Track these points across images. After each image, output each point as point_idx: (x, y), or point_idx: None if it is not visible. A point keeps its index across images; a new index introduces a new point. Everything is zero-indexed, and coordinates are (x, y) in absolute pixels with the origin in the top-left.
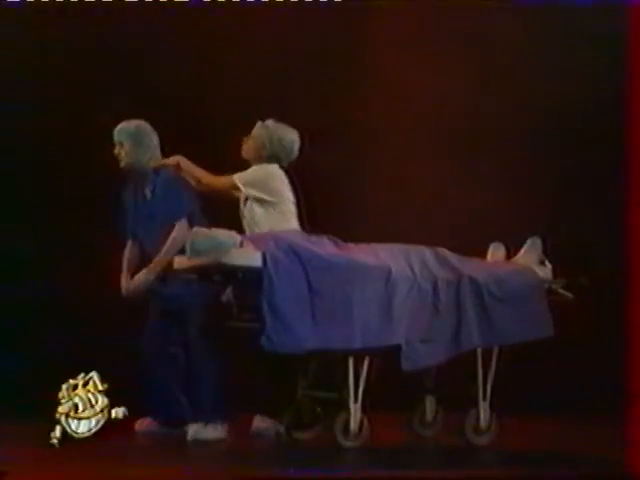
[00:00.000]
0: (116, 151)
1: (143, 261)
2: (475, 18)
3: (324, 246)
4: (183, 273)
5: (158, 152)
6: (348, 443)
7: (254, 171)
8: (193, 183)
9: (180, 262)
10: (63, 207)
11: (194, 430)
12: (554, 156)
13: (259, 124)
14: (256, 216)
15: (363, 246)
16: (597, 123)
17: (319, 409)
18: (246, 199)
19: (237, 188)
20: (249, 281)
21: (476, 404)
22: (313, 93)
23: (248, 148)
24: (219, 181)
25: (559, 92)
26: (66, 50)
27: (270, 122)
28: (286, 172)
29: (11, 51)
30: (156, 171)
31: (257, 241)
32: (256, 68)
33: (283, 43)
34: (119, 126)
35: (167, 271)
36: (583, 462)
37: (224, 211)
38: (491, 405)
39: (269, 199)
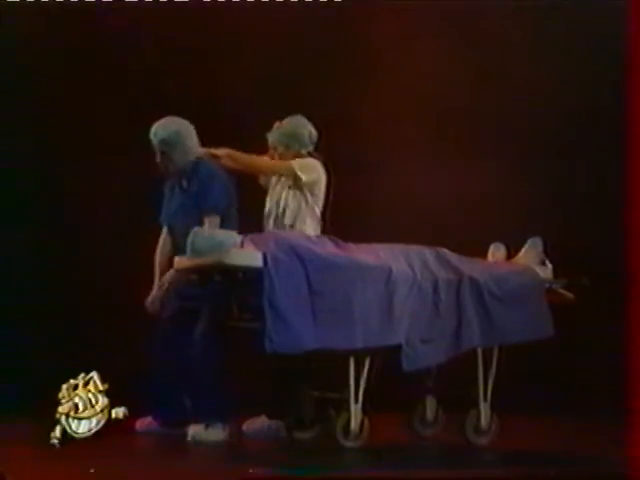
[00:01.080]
0: (158, 160)
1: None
2: (476, 17)
3: (325, 246)
4: (184, 273)
5: (198, 147)
6: (348, 443)
7: (306, 160)
8: (246, 171)
9: (180, 262)
10: (64, 206)
11: (194, 431)
12: (554, 156)
13: (270, 135)
14: (290, 206)
15: (363, 246)
16: (597, 123)
17: (332, 410)
18: (281, 189)
19: (294, 173)
20: (250, 281)
21: (476, 404)
22: (312, 94)
23: (279, 158)
24: (276, 166)
25: (559, 92)
26: (67, 50)
27: (277, 126)
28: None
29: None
30: (197, 160)
31: (258, 241)
32: (258, 67)
33: (284, 43)
34: (158, 133)
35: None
36: (583, 462)
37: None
38: (491, 405)
39: (314, 187)
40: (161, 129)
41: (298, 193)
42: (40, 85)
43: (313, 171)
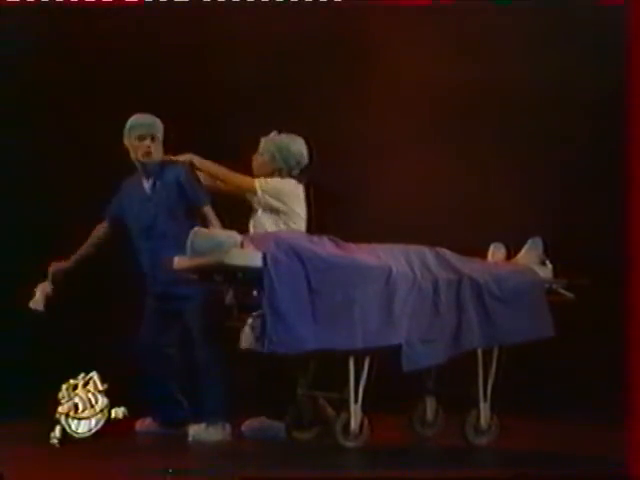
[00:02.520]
0: (147, 144)
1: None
2: (475, 16)
3: (325, 246)
4: (184, 273)
5: None
6: (348, 443)
7: (276, 181)
8: (207, 179)
9: (180, 262)
10: (63, 207)
11: (194, 431)
12: (555, 156)
13: (264, 140)
14: (265, 225)
15: (364, 246)
16: (597, 122)
17: (330, 408)
18: (257, 210)
19: (254, 191)
20: (249, 281)
21: (476, 404)
22: (311, 93)
23: (259, 165)
24: (238, 179)
25: (559, 92)
26: (65, 49)
27: (274, 135)
28: (305, 187)
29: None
30: (161, 165)
31: (258, 241)
32: (256, 67)
33: (283, 43)
34: (147, 119)
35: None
36: (583, 462)
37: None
38: (491, 405)
39: (281, 208)
40: (146, 117)
41: (272, 214)
42: (39, 86)
43: (275, 194)
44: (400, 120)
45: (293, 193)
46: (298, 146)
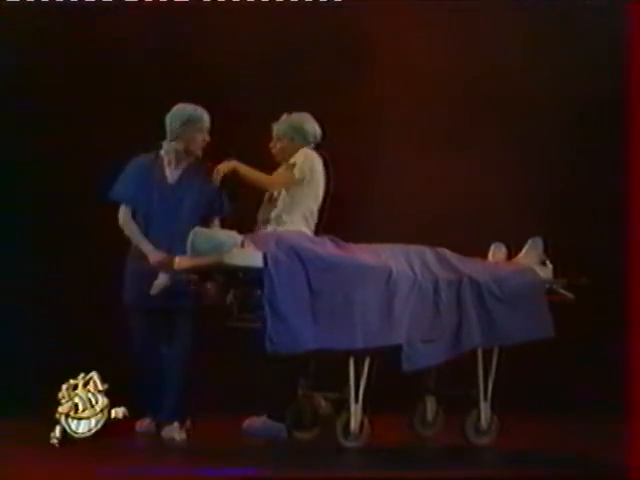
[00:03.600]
0: (207, 138)
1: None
2: (477, 16)
3: (325, 246)
4: (184, 273)
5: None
6: (348, 443)
7: (299, 156)
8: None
9: (181, 262)
10: (63, 207)
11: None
12: (555, 156)
13: (277, 125)
14: (281, 198)
15: (364, 246)
16: (598, 123)
17: (325, 403)
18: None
19: (294, 181)
20: (250, 281)
21: (477, 404)
22: (313, 93)
23: (280, 150)
24: (280, 179)
25: (560, 93)
26: (68, 50)
27: (285, 117)
28: (325, 162)
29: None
30: (199, 162)
31: (258, 241)
32: (261, 64)
33: (286, 35)
34: (204, 111)
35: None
36: (583, 462)
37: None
38: (491, 405)
39: (309, 178)
40: (202, 110)
41: (291, 188)
42: (40, 86)
43: (304, 164)
44: (400, 121)
45: (314, 159)
46: (310, 121)
